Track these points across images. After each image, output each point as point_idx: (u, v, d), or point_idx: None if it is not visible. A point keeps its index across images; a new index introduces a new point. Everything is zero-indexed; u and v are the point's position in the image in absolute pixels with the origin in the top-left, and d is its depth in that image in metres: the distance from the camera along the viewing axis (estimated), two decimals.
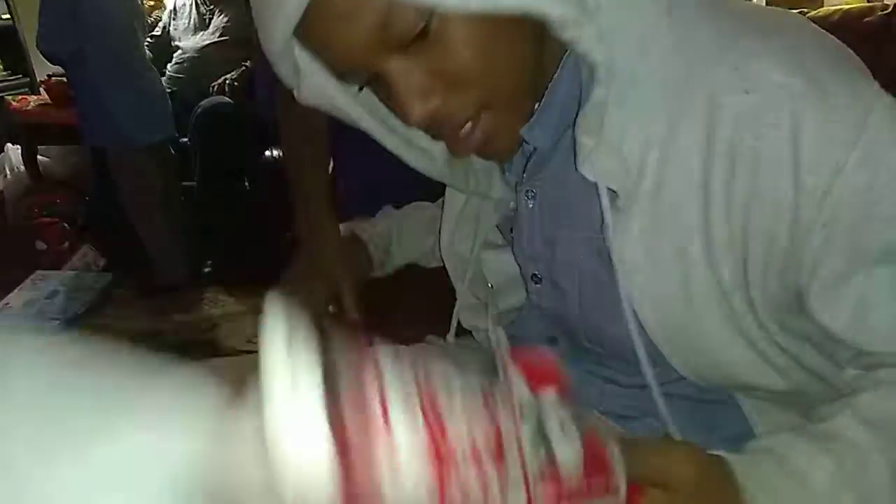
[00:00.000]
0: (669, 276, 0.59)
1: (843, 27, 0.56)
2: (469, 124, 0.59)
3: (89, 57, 2.48)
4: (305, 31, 0.54)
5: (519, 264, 0.78)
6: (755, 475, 0.51)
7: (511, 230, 0.78)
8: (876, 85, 0.55)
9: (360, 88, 0.62)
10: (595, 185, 0.59)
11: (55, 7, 2.43)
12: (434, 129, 0.60)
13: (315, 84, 0.63)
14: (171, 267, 2.82)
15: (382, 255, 0.99)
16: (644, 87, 0.56)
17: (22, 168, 3.49)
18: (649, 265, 0.59)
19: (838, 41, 0.58)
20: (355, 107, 0.65)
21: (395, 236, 1.01)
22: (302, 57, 0.61)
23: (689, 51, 0.56)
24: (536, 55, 0.58)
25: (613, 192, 0.59)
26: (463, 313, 0.84)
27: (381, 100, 0.62)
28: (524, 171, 0.71)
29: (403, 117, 0.58)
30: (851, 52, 0.58)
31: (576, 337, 0.73)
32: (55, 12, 2.42)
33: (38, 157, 3.48)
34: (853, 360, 0.61)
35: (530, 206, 0.71)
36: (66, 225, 3.04)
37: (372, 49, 0.54)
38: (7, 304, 2.64)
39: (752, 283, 0.58)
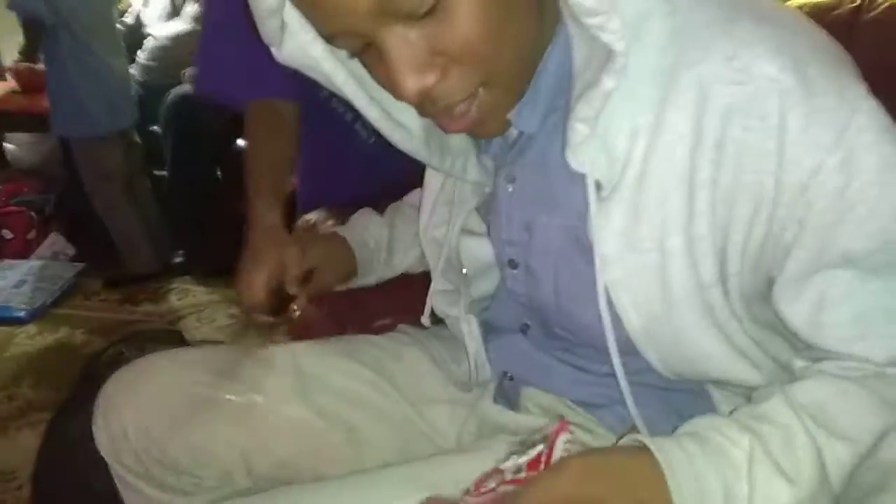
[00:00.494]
0: (648, 268, 0.59)
1: (811, 20, 0.57)
2: (465, 103, 0.58)
3: (61, 32, 2.44)
4: None
5: (495, 249, 0.77)
6: (677, 458, 0.52)
7: (488, 213, 0.77)
8: (864, 86, 0.55)
9: (351, 55, 0.60)
10: (578, 172, 0.59)
11: None
12: (426, 105, 0.58)
13: (300, 43, 0.61)
14: (140, 257, 2.78)
15: (369, 264, 0.98)
16: (635, 75, 0.55)
17: None
18: (628, 257, 0.59)
19: (830, 37, 0.58)
20: (340, 71, 0.63)
21: (387, 248, 1.00)
22: (291, 15, 0.59)
23: (682, 38, 0.55)
24: (537, 31, 0.58)
25: (597, 181, 0.59)
26: (436, 298, 0.83)
27: (369, 68, 0.60)
28: (507, 155, 0.69)
29: (395, 90, 0.56)
30: (842, 48, 0.58)
31: (548, 324, 0.73)
32: None
33: (5, 144, 3.40)
34: (804, 351, 0.62)
35: (509, 190, 0.70)
36: (33, 214, 2.98)
37: (375, 16, 0.52)
38: None
39: (729, 275, 0.58)
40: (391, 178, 1.51)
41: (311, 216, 1.53)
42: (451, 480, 0.61)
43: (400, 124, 0.68)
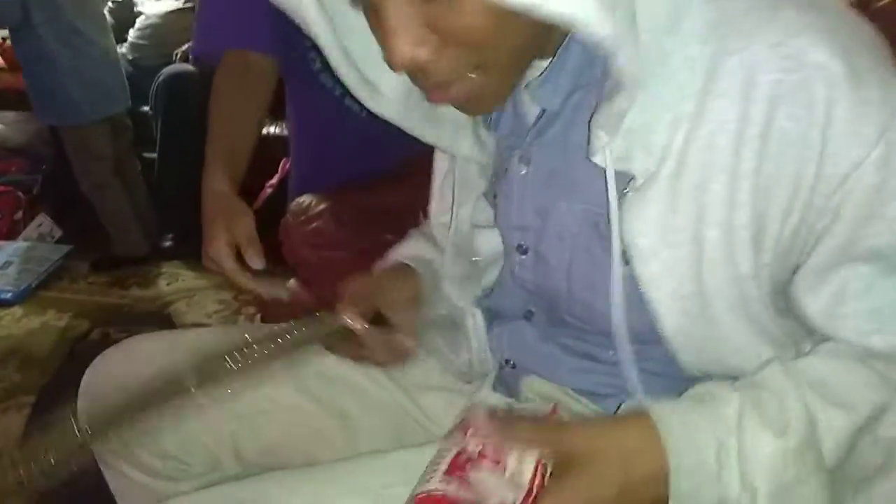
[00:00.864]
0: (684, 262, 0.58)
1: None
2: (456, 83, 0.56)
3: (34, 17, 2.36)
4: None
5: (503, 234, 0.75)
6: (671, 415, 0.54)
7: (495, 197, 0.75)
8: None
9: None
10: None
11: None
12: (416, 76, 0.57)
13: None
14: (129, 240, 2.74)
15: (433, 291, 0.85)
16: (673, 65, 0.54)
17: None
18: (664, 251, 0.58)
19: (869, 26, 0.56)
20: (323, 25, 0.61)
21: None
22: None
23: (722, 26, 0.54)
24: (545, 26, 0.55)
25: (630, 174, 0.57)
26: (446, 285, 0.81)
27: (371, 25, 0.57)
28: (525, 135, 0.67)
29: (387, 55, 0.54)
30: (880, 39, 0.56)
31: (556, 311, 0.71)
32: None
33: None
34: (813, 336, 0.62)
35: (523, 172, 0.68)
36: (20, 194, 2.94)
37: None
38: None
39: (762, 265, 0.57)
40: (386, 160, 1.51)
41: (304, 199, 1.52)
42: None
43: (374, 88, 0.66)
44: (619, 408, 0.69)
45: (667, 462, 0.52)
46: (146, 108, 2.83)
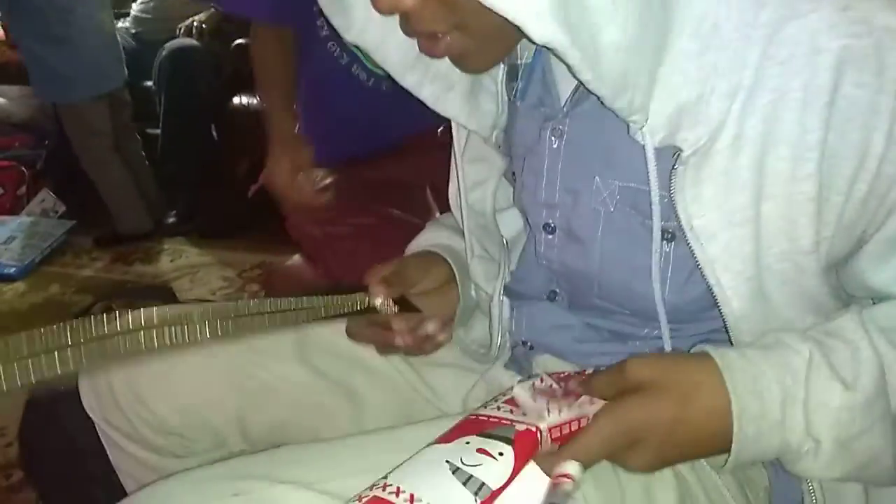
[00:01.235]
0: (745, 241, 0.55)
1: None
2: (439, 37, 0.56)
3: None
4: None
5: (525, 211, 0.72)
6: (736, 360, 0.53)
7: (513, 174, 0.72)
8: None
9: None
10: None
11: None
12: (403, 24, 0.57)
13: None
14: (131, 216, 2.73)
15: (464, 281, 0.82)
16: (728, 33, 0.52)
17: None
18: (725, 232, 0.55)
19: None
20: None
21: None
22: None
23: None
24: None
25: (677, 148, 0.55)
26: (473, 266, 0.78)
27: None
28: (563, 106, 0.64)
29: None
30: None
31: (583, 292, 0.69)
32: None
33: None
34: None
35: (555, 146, 0.65)
36: (24, 169, 2.92)
37: None
38: None
39: (823, 239, 0.55)
40: (392, 135, 1.50)
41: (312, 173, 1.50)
42: None
43: (350, 16, 0.65)
44: None
45: (728, 402, 0.51)
46: (149, 83, 2.80)
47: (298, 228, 1.46)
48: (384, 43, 0.65)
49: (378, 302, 0.71)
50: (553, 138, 0.65)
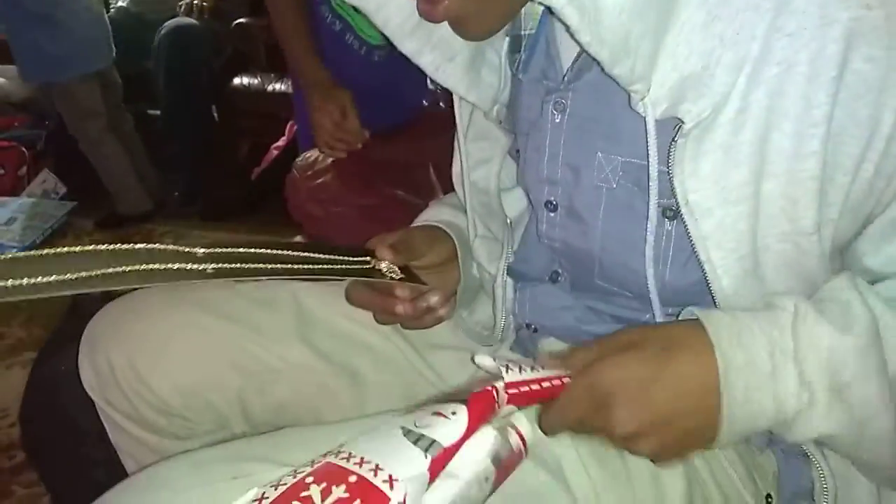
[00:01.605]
0: (742, 219, 0.54)
1: None
2: None
3: None
4: None
5: (527, 188, 0.71)
6: (720, 316, 0.52)
7: (517, 151, 0.71)
8: None
9: None
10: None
11: None
12: None
13: None
14: (131, 197, 2.72)
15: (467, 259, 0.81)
16: (736, 2, 0.50)
17: None
18: (721, 208, 0.54)
19: None
20: None
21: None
22: None
23: None
24: None
25: (678, 120, 0.53)
26: (476, 246, 0.77)
27: None
28: (562, 79, 0.63)
29: None
30: None
31: (585, 272, 0.67)
32: None
33: None
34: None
35: (556, 120, 0.64)
36: (24, 149, 2.91)
37: None
38: None
39: (828, 221, 0.53)
40: (390, 111, 1.49)
41: (310, 154, 1.50)
42: None
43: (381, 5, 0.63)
44: None
45: (712, 355, 0.50)
46: (148, 64, 2.77)
47: (301, 209, 1.46)
48: (385, 5, 0.63)
49: (383, 266, 0.70)
50: (555, 112, 0.64)
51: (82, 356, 0.77)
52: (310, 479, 0.42)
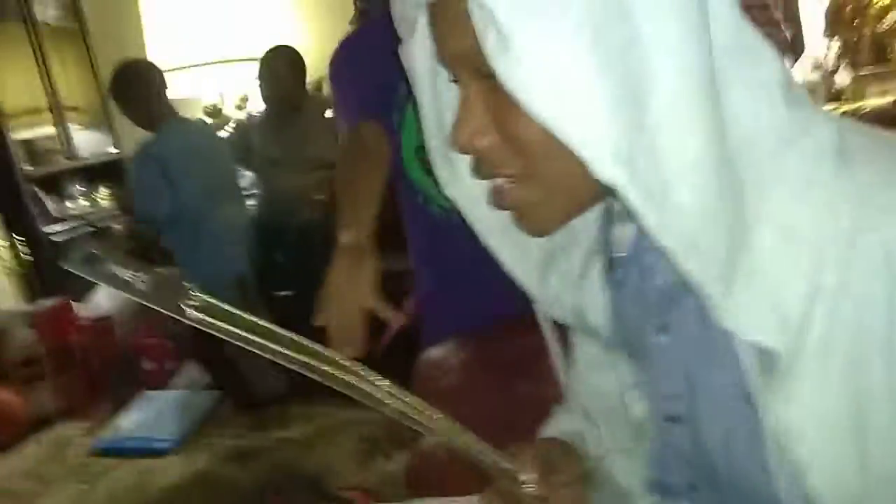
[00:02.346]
0: (845, 443, 0.55)
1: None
2: (504, 183, 0.60)
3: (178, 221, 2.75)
4: (432, 10, 0.58)
5: (650, 403, 0.73)
6: None
7: (629, 356, 0.73)
8: None
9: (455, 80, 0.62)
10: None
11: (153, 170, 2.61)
12: (474, 165, 0.62)
13: (412, 49, 0.67)
14: (267, 380, 2.88)
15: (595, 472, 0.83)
16: (806, 235, 0.54)
17: None
18: (820, 433, 0.55)
19: None
20: (429, 95, 0.69)
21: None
22: (420, 22, 0.65)
23: (857, 200, 0.53)
24: None
25: (766, 350, 0.55)
26: (609, 460, 0.79)
27: None
28: (659, 304, 0.66)
29: (450, 135, 0.60)
30: None
31: (718, 484, 0.67)
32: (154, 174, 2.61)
33: None
34: None
35: (661, 341, 0.67)
36: (170, 343, 3.15)
37: (465, 64, 0.57)
38: (118, 426, 2.73)
39: None
40: (512, 300, 1.49)
41: (433, 353, 1.52)
42: None
43: (455, 169, 0.70)
44: None
45: None
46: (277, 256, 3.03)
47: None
48: (479, 204, 0.70)
49: (525, 478, 0.73)
50: (658, 333, 0.67)
51: None
52: None
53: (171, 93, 2.96)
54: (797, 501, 0.59)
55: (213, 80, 4.55)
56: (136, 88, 2.74)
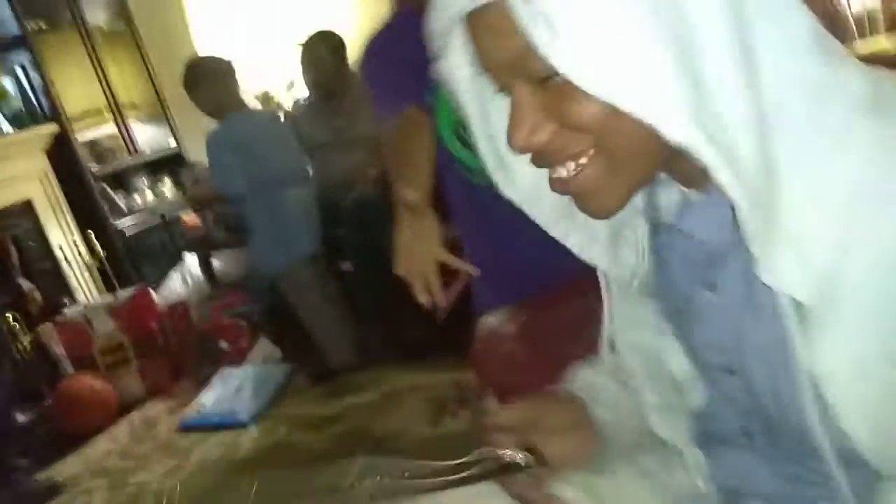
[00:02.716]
0: (875, 385, 0.57)
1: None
2: (573, 165, 0.60)
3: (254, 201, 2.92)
4: (471, 22, 0.59)
5: (700, 355, 0.74)
6: None
7: (683, 321, 0.74)
8: None
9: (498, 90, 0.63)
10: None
11: (226, 150, 2.83)
12: (536, 158, 0.62)
13: (451, 64, 0.67)
14: (341, 351, 3.02)
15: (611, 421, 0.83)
16: (839, 185, 0.55)
17: (199, 274, 3.86)
18: (853, 376, 0.57)
19: None
20: (475, 105, 0.68)
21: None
22: (456, 36, 0.64)
23: (888, 148, 0.54)
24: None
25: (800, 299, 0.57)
26: (651, 415, 0.78)
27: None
28: (705, 266, 0.67)
29: (508, 138, 0.60)
30: None
31: (773, 429, 0.69)
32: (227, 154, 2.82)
33: (213, 260, 3.84)
34: None
35: (708, 297, 0.68)
36: (244, 323, 3.30)
37: (512, 70, 0.58)
38: (201, 403, 2.89)
39: None
40: (565, 266, 1.48)
41: (490, 320, 1.47)
42: None
43: (510, 172, 0.70)
44: None
45: None
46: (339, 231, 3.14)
47: (487, 378, 1.43)
48: (539, 199, 0.70)
49: (519, 457, 0.76)
50: (705, 289, 0.68)
51: None
52: None
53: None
54: (836, 440, 0.60)
55: (260, 68, 4.64)
56: (207, 81, 2.90)
